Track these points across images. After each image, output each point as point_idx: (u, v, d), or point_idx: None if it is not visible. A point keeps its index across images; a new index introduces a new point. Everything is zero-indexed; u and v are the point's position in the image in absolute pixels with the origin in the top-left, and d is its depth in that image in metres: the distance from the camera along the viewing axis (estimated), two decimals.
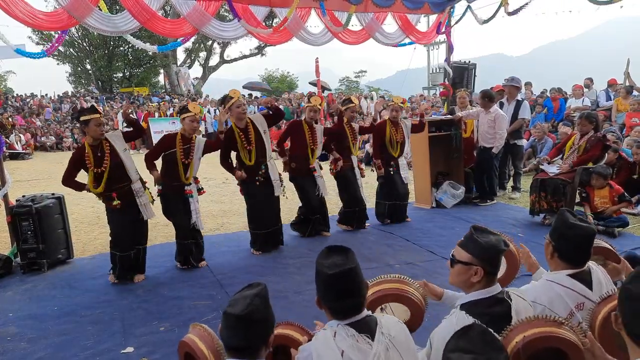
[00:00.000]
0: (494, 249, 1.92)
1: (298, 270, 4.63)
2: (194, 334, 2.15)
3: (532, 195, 5.83)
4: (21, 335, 3.54)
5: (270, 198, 5.12)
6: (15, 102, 24.68)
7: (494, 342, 1.47)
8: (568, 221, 2.13)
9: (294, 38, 6.62)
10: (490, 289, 1.93)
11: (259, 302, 1.75)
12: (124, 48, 31.74)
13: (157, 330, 3.52)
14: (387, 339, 1.77)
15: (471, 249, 1.94)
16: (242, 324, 1.71)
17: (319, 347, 1.77)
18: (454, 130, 6.95)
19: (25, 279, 4.67)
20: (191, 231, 4.78)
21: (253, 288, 1.82)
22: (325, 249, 1.91)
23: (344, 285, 1.78)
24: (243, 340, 1.73)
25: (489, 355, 1.39)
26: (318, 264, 1.85)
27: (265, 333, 1.77)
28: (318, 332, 1.86)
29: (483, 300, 1.91)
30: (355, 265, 1.82)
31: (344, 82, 38.30)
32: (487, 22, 7.51)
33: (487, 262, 1.92)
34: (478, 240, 1.93)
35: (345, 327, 1.77)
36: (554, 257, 2.17)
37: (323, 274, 1.80)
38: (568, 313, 2.06)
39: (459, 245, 2.00)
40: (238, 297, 1.78)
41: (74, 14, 4.85)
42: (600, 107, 10.34)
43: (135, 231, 4.51)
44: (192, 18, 5.68)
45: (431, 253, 4.94)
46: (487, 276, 1.93)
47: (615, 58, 21.82)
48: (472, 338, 1.46)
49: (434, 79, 13.83)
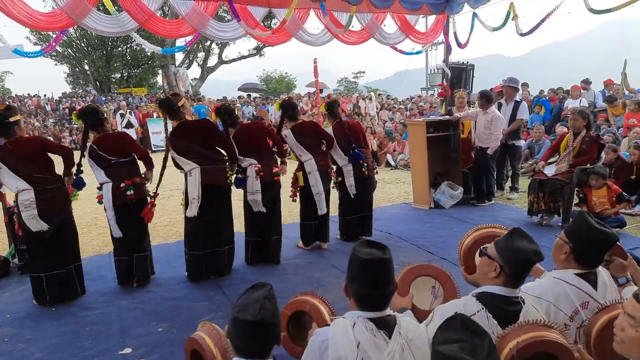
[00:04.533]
0: (521, 256, 1.93)
1: (296, 271, 4.62)
2: (203, 331, 2.17)
3: (529, 195, 5.84)
4: (19, 336, 3.53)
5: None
6: (14, 103, 24.62)
7: (476, 328, 1.50)
8: (592, 225, 2.15)
9: (293, 38, 6.63)
10: (509, 290, 1.95)
11: (270, 305, 1.75)
12: (122, 49, 31.73)
13: (155, 331, 3.52)
14: (404, 340, 1.78)
15: (500, 248, 1.98)
16: (255, 330, 1.70)
17: (336, 334, 1.78)
18: (452, 131, 6.97)
19: (22, 280, 4.65)
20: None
21: (259, 290, 1.81)
22: (363, 240, 1.94)
23: (377, 274, 1.81)
24: (257, 345, 1.73)
25: (473, 341, 1.42)
26: (355, 250, 1.87)
27: (278, 334, 1.78)
28: (337, 318, 1.87)
29: (500, 296, 1.93)
30: (391, 259, 1.85)
31: (343, 83, 38.32)
32: (498, 29, 7.55)
33: (509, 264, 1.93)
34: (510, 242, 1.96)
35: (365, 320, 1.79)
36: (569, 258, 2.19)
37: (359, 258, 1.82)
38: (573, 311, 2.09)
39: (495, 241, 2.04)
40: (247, 302, 1.76)
41: (71, 14, 4.84)
42: (597, 107, 10.38)
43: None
44: (190, 18, 5.68)
45: (429, 253, 4.94)
46: (505, 277, 1.94)
47: (613, 59, 21.87)
48: (456, 328, 1.49)
49: (432, 80, 13.85)
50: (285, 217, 6.27)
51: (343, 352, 1.74)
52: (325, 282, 4.29)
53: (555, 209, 5.65)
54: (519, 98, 7.53)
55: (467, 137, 7.14)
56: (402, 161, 11.06)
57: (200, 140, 4.32)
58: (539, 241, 2.03)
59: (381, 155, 11.80)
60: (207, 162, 4.30)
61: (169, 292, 4.23)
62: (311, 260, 4.94)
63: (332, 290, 3.91)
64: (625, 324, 1.54)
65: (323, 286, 4.15)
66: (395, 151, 11.71)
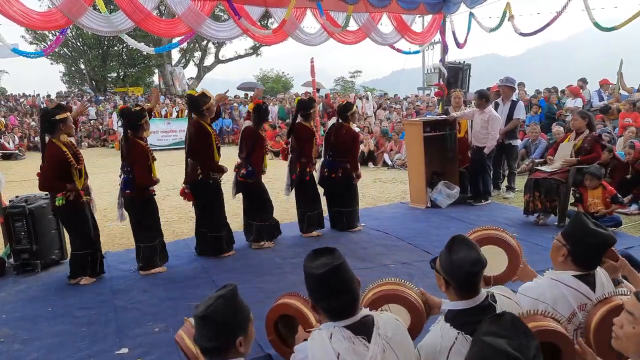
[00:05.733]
0: (460, 268, 1.86)
1: (293, 270, 4.62)
2: (183, 330, 2.19)
3: (526, 195, 5.85)
4: (14, 336, 3.52)
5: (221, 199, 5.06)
6: (9, 102, 24.51)
7: (526, 330, 1.48)
8: (589, 227, 2.13)
9: (290, 38, 6.62)
10: (470, 301, 1.88)
11: (222, 303, 1.76)
12: (119, 48, 31.61)
13: (152, 331, 3.51)
14: (384, 340, 1.77)
15: (441, 261, 1.94)
16: (203, 324, 1.74)
17: (314, 349, 1.76)
18: (448, 131, 6.98)
19: (18, 280, 4.64)
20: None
21: (222, 289, 1.84)
22: (311, 253, 1.90)
23: (335, 283, 1.77)
24: (206, 341, 1.75)
25: (520, 340, 1.41)
26: (306, 267, 1.84)
27: (231, 333, 1.75)
28: (314, 331, 1.85)
29: (468, 310, 1.88)
30: (343, 261, 1.81)
31: (339, 82, 38.33)
32: (494, 30, 7.57)
33: (452, 278, 1.88)
34: (447, 255, 1.91)
35: (341, 329, 1.76)
36: (566, 260, 2.18)
37: (312, 275, 1.80)
38: (571, 313, 2.08)
39: (440, 253, 1.98)
40: (205, 299, 1.81)
41: (67, 13, 4.82)
42: (593, 107, 10.41)
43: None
44: (187, 18, 5.67)
45: (426, 253, 4.94)
46: (457, 290, 1.89)
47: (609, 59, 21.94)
48: (504, 324, 1.47)
49: (429, 79, 13.84)
50: (284, 217, 6.29)
51: None
52: None
53: (552, 208, 5.67)
54: (515, 98, 7.55)
55: (464, 137, 7.14)
56: (399, 161, 11.07)
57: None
58: (535, 240, 2.03)
59: (378, 154, 11.82)
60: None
61: (165, 292, 4.22)
62: None
63: None
64: (625, 320, 1.55)
65: None
66: (392, 151, 11.72)
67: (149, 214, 4.67)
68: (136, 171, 4.44)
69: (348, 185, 5.67)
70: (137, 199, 4.55)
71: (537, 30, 6.95)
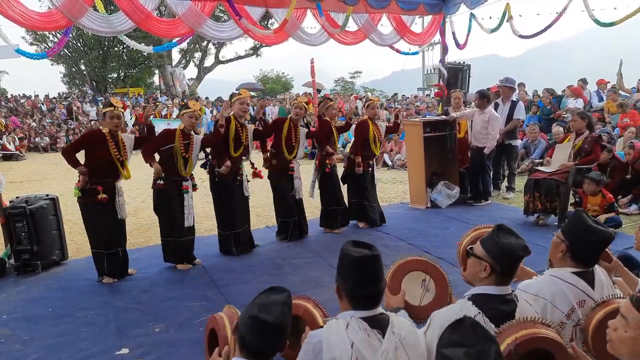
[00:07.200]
0: (509, 251, 1.92)
1: (293, 271, 4.63)
2: (225, 313, 2.18)
3: (526, 195, 5.86)
4: (15, 337, 3.52)
5: (242, 199, 5.18)
6: (9, 103, 24.50)
7: (485, 334, 1.49)
8: (588, 224, 2.15)
9: (290, 38, 6.63)
10: (502, 288, 1.94)
11: (288, 312, 1.77)
12: (119, 49, 31.55)
13: (152, 331, 3.51)
14: (397, 339, 1.78)
15: (487, 246, 1.97)
16: (272, 332, 1.70)
17: (329, 335, 1.78)
18: (448, 131, 6.98)
19: (19, 281, 4.65)
20: (186, 229, 4.77)
21: (279, 293, 1.82)
22: (350, 241, 1.94)
23: (369, 270, 1.82)
24: (269, 347, 1.73)
25: (480, 346, 1.41)
26: (344, 250, 1.88)
27: (285, 340, 1.79)
28: (330, 319, 1.87)
29: (494, 296, 1.93)
30: (380, 255, 1.87)
31: (339, 83, 38.31)
32: (495, 31, 7.57)
33: (498, 262, 1.93)
34: (497, 239, 1.95)
35: (358, 320, 1.79)
36: (565, 257, 2.19)
37: (351, 256, 1.84)
38: (569, 309, 2.09)
39: (480, 240, 2.03)
40: (268, 302, 1.76)
41: (68, 14, 4.83)
42: (593, 108, 10.42)
43: (115, 231, 4.56)
44: (187, 18, 5.67)
45: (426, 253, 4.93)
46: (497, 275, 1.93)
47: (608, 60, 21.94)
48: (464, 331, 1.48)
49: (428, 80, 13.85)
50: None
51: (337, 352, 1.74)
52: (323, 281, 4.29)
53: (552, 208, 5.67)
54: (515, 98, 7.56)
55: (464, 137, 7.15)
56: (399, 161, 11.08)
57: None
58: (535, 240, 2.04)
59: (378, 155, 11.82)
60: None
61: (165, 292, 4.22)
62: (309, 260, 4.95)
63: (329, 289, 3.91)
64: (618, 324, 1.56)
65: (321, 286, 4.15)
66: (392, 151, 11.73)
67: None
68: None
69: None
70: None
71: (537, 32, 6.95)
